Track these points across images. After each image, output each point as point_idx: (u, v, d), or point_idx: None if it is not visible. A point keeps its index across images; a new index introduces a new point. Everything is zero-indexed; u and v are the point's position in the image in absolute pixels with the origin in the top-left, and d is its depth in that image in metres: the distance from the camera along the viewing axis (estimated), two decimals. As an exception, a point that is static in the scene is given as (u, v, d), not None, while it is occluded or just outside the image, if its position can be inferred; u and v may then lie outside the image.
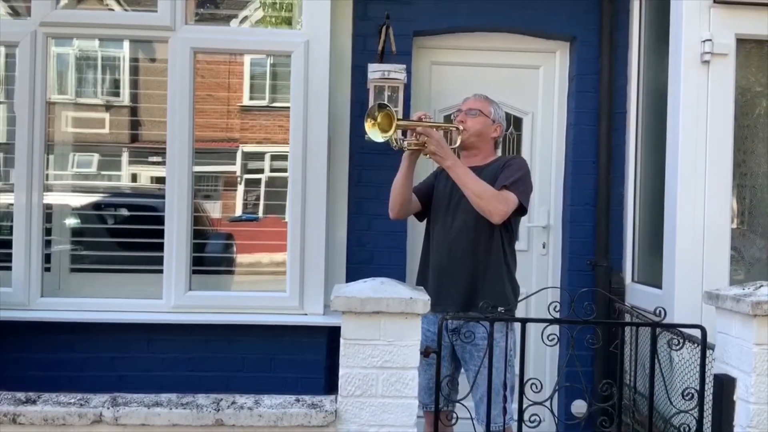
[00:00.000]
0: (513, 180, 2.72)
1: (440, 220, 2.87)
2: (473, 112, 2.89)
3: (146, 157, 4.03)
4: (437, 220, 2.89)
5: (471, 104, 2.93)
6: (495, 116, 2.93)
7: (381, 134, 2.60)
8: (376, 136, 2.61)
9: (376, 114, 2.61)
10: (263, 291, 3.60)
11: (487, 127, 2.90)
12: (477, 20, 3.93)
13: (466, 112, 2.90)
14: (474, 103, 2.94)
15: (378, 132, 2.60)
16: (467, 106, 2.93)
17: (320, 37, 3.51)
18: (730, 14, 3.28)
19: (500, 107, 3.00)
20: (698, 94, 3.27)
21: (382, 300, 2.13)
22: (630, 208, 3.91)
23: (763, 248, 3.40)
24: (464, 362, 2.82)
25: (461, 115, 2.91)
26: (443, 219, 2.86)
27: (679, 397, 2.47)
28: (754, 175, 3.40)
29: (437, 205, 2.90)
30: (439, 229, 2.86)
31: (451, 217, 2.83)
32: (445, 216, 2.85)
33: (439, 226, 2.86)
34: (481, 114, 2.89)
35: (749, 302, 2.32)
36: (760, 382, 2.34)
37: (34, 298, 3.43)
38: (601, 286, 3.77)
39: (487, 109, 2.92)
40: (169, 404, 2.12)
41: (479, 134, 2.88)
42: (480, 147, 2.90)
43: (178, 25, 3.47)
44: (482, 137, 2.89)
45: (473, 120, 2.88)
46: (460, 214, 2.80)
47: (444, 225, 2.84)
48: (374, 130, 2.61)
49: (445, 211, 2.85)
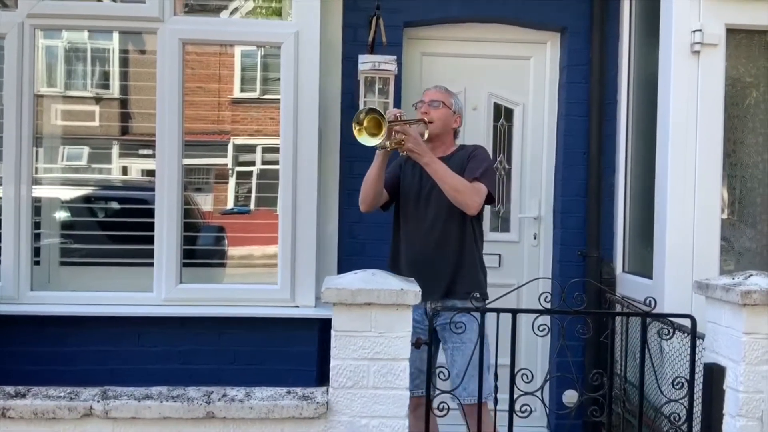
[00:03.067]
0: (482, 171, 2.82)
1: (411, 211, 2.92)
2: (436, 104, 2.94)
3: (136, 149, 4.02)
4: (407, 211, 2.94)
5: (433, 95, 2.98)
6: (455, 107, 3.01)
7: (372, 138, 2.63)
8: (368, 142, 2.64)
9: (362, 119, 2.63)
10: (254, 283, 3.60)
11: (449, 118, 2.97)
12: (467, 11, 3.92)
13: (429, 104, 2.95)
14: (435, 94, 2.99)
15: (367, 137, 2.63)
16: (429, 98, 2.97)
17: (310, 28, 3.49)
18: (720, 4, 3.27)
19: (458, 98, 3.08)
20: (688, 84, 3.27)
21: (373, 291, 2.13)
22: (621, 199, 3.92)
23: (753, 238, 3.42)
24: (443, 341, 2.88)
25: (424, 107, 2.96)
26: (414, 210, 2.91)
27: (669, 386, 2.48)
28: (744, 165, 3.41)
29: (406, 197, 2.95)
30: (411, 220, 2.92)
31: (423, 208, 2.89)
32: (416, 207, 2.91)
33: (411, 217, 2.92)
34: (443, 105, 2.95)
35: (739, 292, 2.34)
36: (749, 371, 2.35)
37: (23, 291, 3.41)
38: (592, 277, 3.78)
39: (449, 100, 2.98)
40: (159, 397, 2.12)
41: (443, 125, 2.94)
42: (442, 138, 2.96)
43: (167, 16, 3.44)
44: (445, 128, 2.96)
45: (437, 111, 2.93)
46: (432, 204, 2.86)
47: (416, 216, 2.90)
48: (363, 136, 2.64)
49: (416, 202, 2.91)
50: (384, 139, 2.65)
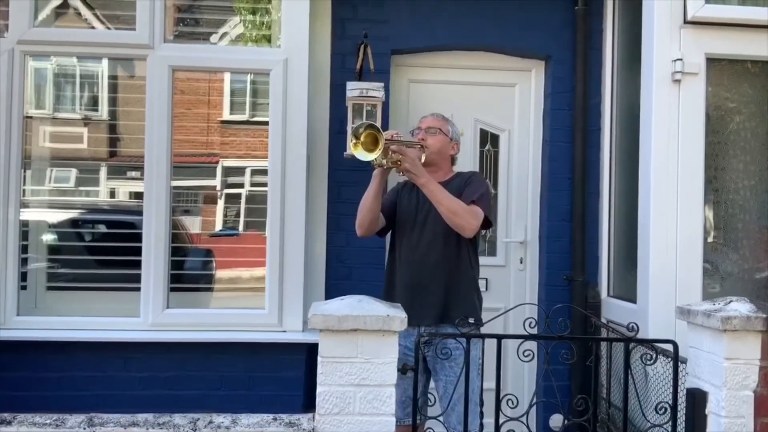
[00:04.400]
0: (479, 195, 2.85)
1: (407, 236, 2.94)
2: (432, 131, 2.99)
3: (124, 172, 4.02)
4: (403, 235, 2.96)
5: (430, 122, 3.03)
6: (452, 134, 3.05)
7: (368, 154, 2.64)
8: (364, 156, 2.65)
9: (360, 133, 2.65)
10: (242, 308, 3.59)
11: (445, 145, 3.01)
12: (454, 39, 3.98)
13: (426, 130, 3.00)
14: (432, 121, 3.04)
15: (364, 152, 2.64)
16: (426, 125, 3.02)
17: (299, 55, 3.53)
18: (700, 34, 3.35)
19: (455, 126, 3.12)
20: (670, 111, 3.33)
21: (359, 317, 2.15)
22: (605, 224, 3.97)
23: (736, 262, 3.46)
24: (434, 372, 2.88)
25: (421, 134, 3.00)
26: (410, 235, 2.93)
27: (652, 411, 2.51)
28: (726, 190, 3.46)
29: (403, 222, 2.98)
30: (406, 244, 2.93)
31: (418, 233, 2.91)
32: (411, 231, 2.93)
33: (406, 241, 2.94)
34: (440, 132, 3.00)
35: (719, 317, 2.37)
36: (731, 395, 2.39)
37: (9, 316, 3.39)
38: (577, 301, 3.81)
39: (446, 127, 3.03)
40: (145, 424, 2.12)
41: (440, 152, 2.99)
42: (439, 164, 2.99)
43: (157, 43, 3.48)
44: (442, 155, 3.00)
45: (433, 138, 2.98)
46: (428, 228, 2.89)
47: (411, 240, 2.92)
48: (359, 151, 2.65)
49: (412, 227, 2.93)
50: (380, 156, 2.68)
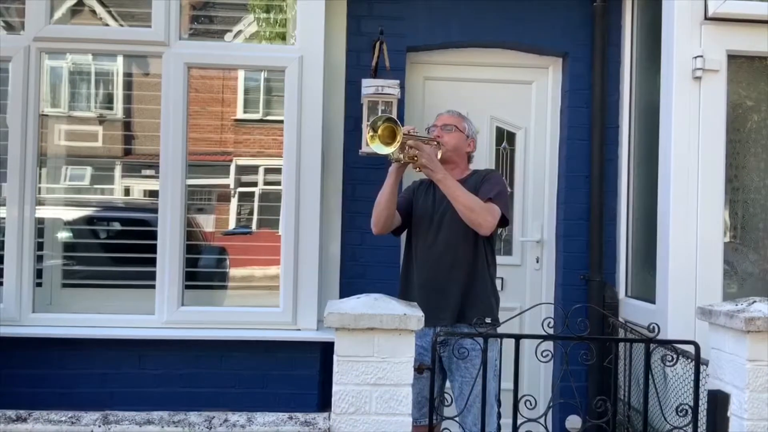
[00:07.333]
0: (495, 193, 2.81)
1: (423, 235, 2.91)
2: (449, 128, 2.96)
3: (139, 170, 4.02)
4: (420, 235, 2.93)
5: (446, 120, 3.01)
6: (469, 132, 3.02)
7: (385, 147, 2.62)
8: (381, 150, 2.63)
9: (378, 126, 2.63)
10: (256, 306, 3.58)
11: (462, 142, 2.98)
12: (470, 36, 3.95)
13: (442, 128, 2.97)
14: (449, 119, 3.01)
15: (381, 145, 2.63)
16: (442, 122, 3.00)
17: (314, 52, 3.51)
18: (721, 31, 3.31)
19: (472, 123, 3.08)
20: (690, 109, 3.29)
21: (375, 316, 2.13)
22: (623, 223, 3.92)
23: (756, 262, 3.42)
24: (450, 372, 2.86)
25: (437, 131, 2.97)
26: (426, 234, 2.90)
27: (673, 413, 2.46)
28: (746, 189, 3.42)
29: (419, 221, 2.94)
30: (422, 244, 2.90)
31: (435, 232, 2.88)
32: (428, 231, 2.90)
33: (423, 240, 2.91)
34: (456, 129, 2.97)
35: (742, 318, 2.33)
36: (753, 398, 2.34)
37: (25, 313, 3.40)
38: (594, 301, 3.77)
39: (462, 125, 3.00)
40: (161, 422, 2.11)
41: (456, 149, 2.96)
42: (456, 161, 2.97)
43: (172, 40, 3.47)
44: (458, 152, 2.97)
45: (449, 135, 2.95)
46: (445, 228, 2.85)
47: (427, 239, 2.89)
48: (377, 144, 2.63)
49: (428, 226, 2.90)
50: (397, 150, 2.65)
